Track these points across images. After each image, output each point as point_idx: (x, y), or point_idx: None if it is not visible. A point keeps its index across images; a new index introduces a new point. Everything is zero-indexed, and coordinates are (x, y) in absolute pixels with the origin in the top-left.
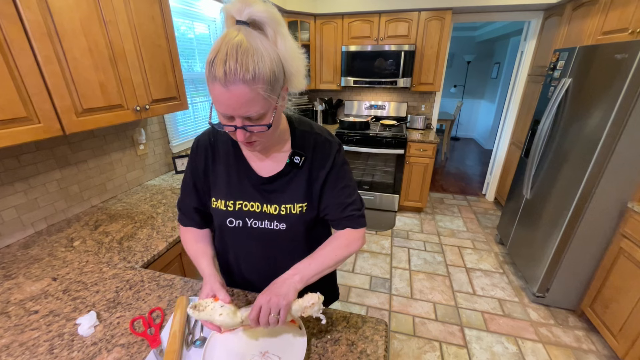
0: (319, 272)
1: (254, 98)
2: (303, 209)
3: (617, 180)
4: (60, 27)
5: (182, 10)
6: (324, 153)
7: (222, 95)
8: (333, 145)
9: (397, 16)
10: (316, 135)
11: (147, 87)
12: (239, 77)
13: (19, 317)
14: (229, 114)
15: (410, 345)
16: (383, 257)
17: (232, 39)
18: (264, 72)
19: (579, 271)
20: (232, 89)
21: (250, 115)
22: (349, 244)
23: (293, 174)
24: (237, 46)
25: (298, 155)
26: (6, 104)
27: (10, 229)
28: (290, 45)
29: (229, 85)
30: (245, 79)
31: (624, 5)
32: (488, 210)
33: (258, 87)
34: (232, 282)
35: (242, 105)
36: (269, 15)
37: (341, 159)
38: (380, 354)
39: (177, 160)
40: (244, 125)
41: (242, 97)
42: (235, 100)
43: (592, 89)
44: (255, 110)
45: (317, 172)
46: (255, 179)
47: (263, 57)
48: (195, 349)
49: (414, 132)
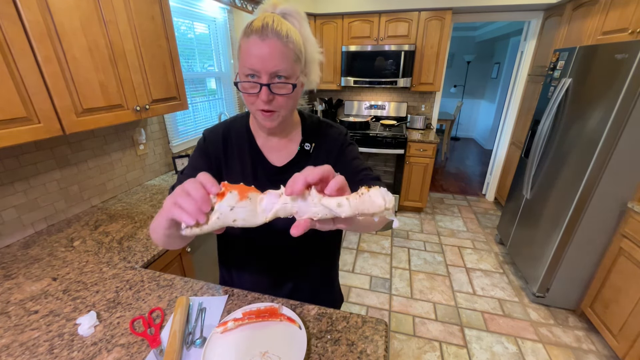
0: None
1: (286, 54)
2: None
3: (617, 180)
4: (60, 27)
5: (182, 10)
6: (333, 137)
7: (257, 47)
8: (341, 130)
9: (397, 16)
10: (324, 124)
11: (147, 87)
12: (275, 32)
13: (19, 317)
14: (259, 68)
15: (410, 345)
16: (383, 257)
17: (267, 14)
18: (295, 39)
19: (579, 271)
20: (267, 41)
21: (279, 70)
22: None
23: (304, 161)
24: (274, 17)
25: (308, 142)
26: (6, 104)
27: (10, 229)
28: (312, 38)
29: (265, 38)
30: (280, 34)
31: (624, 5)
32: (488, 210)
33: (290, 45)
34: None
35: (275, 57)
36: (296, 10)
37: (348, 141)
38: (380, 354)
39: (177, 160)
40: (270, 83)
41: (275, 49)
42: (269, 52)
43: (592, 89)
44: (284, 66)
45: (326, 156)
46: (270, 168)
47: (294, 30)
48: (195, 349)
49: (414, 132)
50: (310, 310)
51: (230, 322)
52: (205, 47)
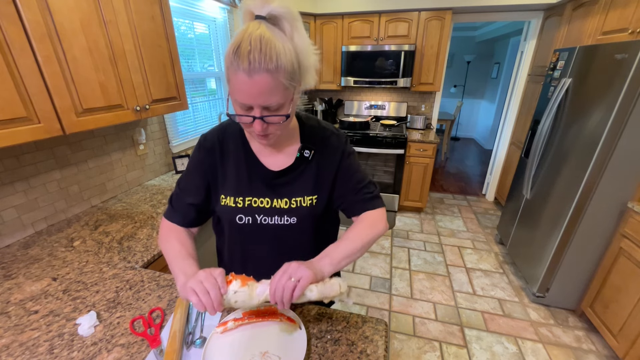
0: (347, 255)
1: (276, 87)
2: (313, 202)
3: (617, 180)
4: (60, 27)
5: (182, 10)
6: (332, 146)
7: (245, 84)
8: (340, 138)
9: (397, 16)
10: (323, 130)
11: (147, 87)
12: (262, 66)
13: (19, 317)
14: (250, 103)
15: (410, 345)
16: (383, 257)
17: (255, 31)
18: (285, 63)
19: (579, 271)
20: (255, 78)
21: (271, 104)
22: (373, 224)
23: (303, 167)
24: (261, 37)
25: (307, 149)
26: (6, 104)
27: (10, 229)
28: (305, 41)
29: (253, 74)
30: (269, 68)
31: (624, 5)
32: (488, 210)
33: (280, 77)
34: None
35: (264, 94)
36: (287, 10)
37: (349, 150)
38: (380, 354)
39: (177, 160)
40: (262, 115)
41: (265, 86)
42: (258, 89)
43: (592, 89)
44: (275, 100)
45: (326, 165)
46: (265, 173)
47: (284, 49)
48: (195, 349)
49: (414, 132)
50: (310, 310)
51: (230, 322)
52: (205, 47)
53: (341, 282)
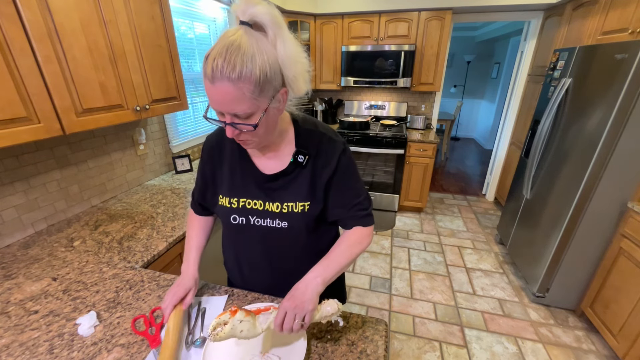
0: (337, 272)
1: (240, 97)
2: (305, 208)
3: (617, 180)
4: (60, 27)
5: (182, 10)
6: (328, 153)
7: (209, 90)
8: (338, 145)
9: (397, 16)
10: (321, 135)
11: (147, 87)
12: (224, 74)
13: (19, 317)
14: (217, 109)
15: (410, 345)
16: (383, 257)
17: (228, 37)
18: (251, 73)
19: (579, 271)
20: (217, 85)
21: (237, 113)
22: (360, 240)
23: (297, 172)
24: (229, 45)
25: (302, 154)
26: (6, 104)
27: (10, 229)
28: (290, 49)
29: (215, 81)
30: (230, 77)
31: (624, 5)
32: (488, 210)
33: (243, 87)
34: (234, 280)
35: (227, 102)
36: (270, 17)
37: (346, 160)
38: (380, 354)
39: (177, 160)
40: (232, 122)
41: (226, 94)
42: (221, 97)
43: (592, 89)
44: (241, 109)
45: (320, 172)
46: (259, 176)
47: (254, 58)
48: (195, 349)
49: (414, 132)
50: None
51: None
52: (206, 47)
53: (332, 304)
